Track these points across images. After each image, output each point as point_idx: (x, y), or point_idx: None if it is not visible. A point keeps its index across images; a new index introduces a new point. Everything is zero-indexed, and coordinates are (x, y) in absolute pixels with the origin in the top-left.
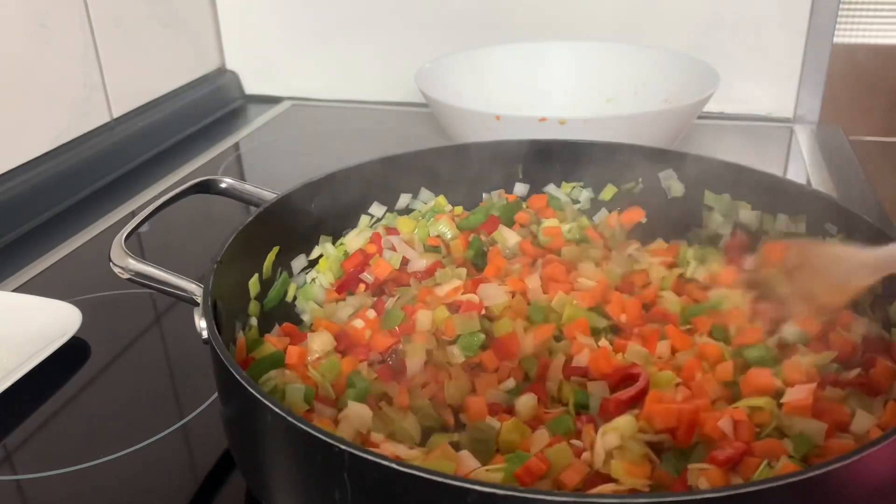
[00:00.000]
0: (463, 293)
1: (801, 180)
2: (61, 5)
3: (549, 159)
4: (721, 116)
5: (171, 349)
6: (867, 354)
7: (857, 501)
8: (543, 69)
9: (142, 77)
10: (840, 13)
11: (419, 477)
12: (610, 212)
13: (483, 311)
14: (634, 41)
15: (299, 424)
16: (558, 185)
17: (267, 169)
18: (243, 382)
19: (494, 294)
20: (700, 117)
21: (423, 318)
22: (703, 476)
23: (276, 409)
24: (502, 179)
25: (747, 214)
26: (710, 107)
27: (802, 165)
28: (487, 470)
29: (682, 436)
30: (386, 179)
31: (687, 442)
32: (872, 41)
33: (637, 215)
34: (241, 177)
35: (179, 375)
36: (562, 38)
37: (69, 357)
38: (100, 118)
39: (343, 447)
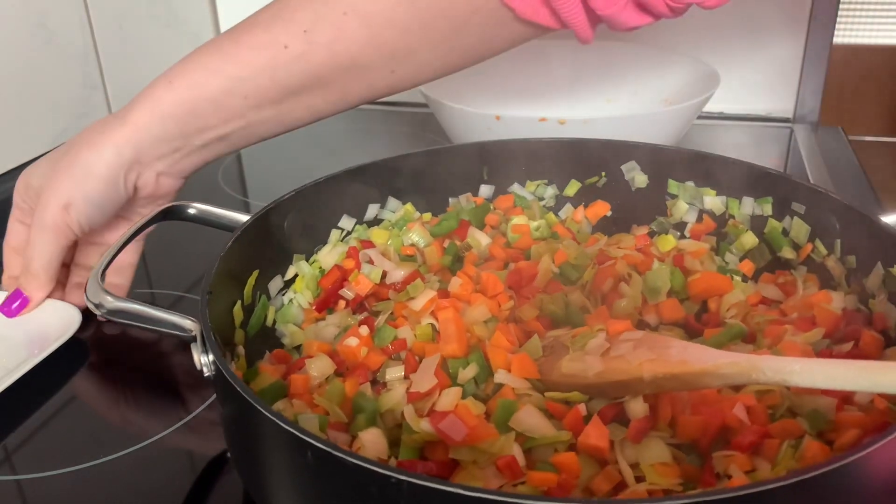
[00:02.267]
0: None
1: (754, 162)
2: (61, 5)
3: (512, 158)
4: (721, 116)
5: (171, 349)
6: (849, 327)
7: (883, 488)
8: (543, 69)
9: (142, 77)
10: (840, 13)
11: (490, 500)
12: (575, 207)
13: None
14: (634, 41)
15: (351, 459)
16: (523, 184)
17: (267, 170)
18: (289, 427)
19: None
20: (700, 117)
21: (406, 334)
22: (732, 463)
23: (323, 446)
24: (467, 182)
25: (712, 200)
26: (710, 107)
27: (802, 165)
28: (516, 485)
29: (706, 444)
30: (353, 191)
31: (709, 446)
32: (872, 41)
33: (602, 209)
34: (241, 177)
35: (179, 375)
36: (562, 38)
37: (69, 357)
38: (100, 118)
39: (401, 477)
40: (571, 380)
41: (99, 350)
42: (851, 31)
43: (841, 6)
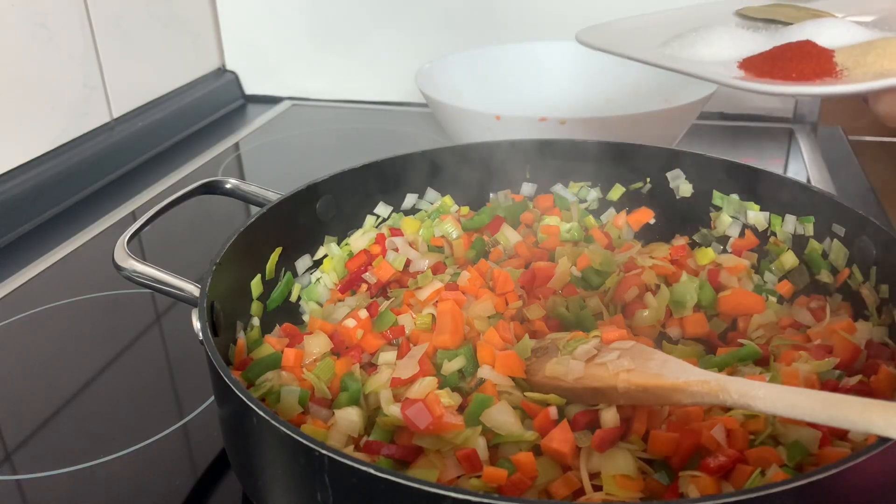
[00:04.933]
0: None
1: (801, 180)
2: (61, 5)
3: (557, 159)
4: (721, 116)
5: (171, 349)
6: (870, 360)
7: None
8: (543, 69)
9: (142, 77)
10: None
11: (395, 482)
12: (618, 212)
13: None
14: None
15: (282, 428)
16: (566, 185)
17: (267, 169)
18: (231, 386)
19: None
20: (700, 117)
21: (406, 321)
22: (692, 484)
23: (262, 413)
24: (509, 179)
25: (755, 215)
26: (710, 107)
27: (802, 165)
28: (471, 478)
29: (679, 462)
30: (392, 179)
31: (682, 465)
32: None
33: (645, 216)
34: (241, 177)
35: (179, 375)
36: (562, 38)
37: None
38: (100, 118)
39: (323, 451)
40: (553, 382)
41: (99, 350)
42: None
43: None
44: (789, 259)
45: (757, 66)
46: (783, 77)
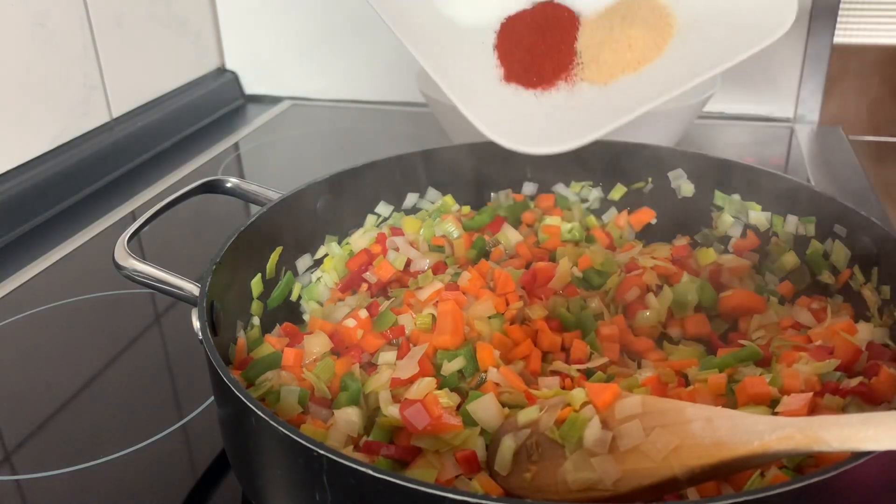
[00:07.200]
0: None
1: (802, 180)
2: (61, 5)
3: (558, 158)
4: (721, 116)
5: (171, 349)
6: (871, 361)
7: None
8: None
9: (142, 77)
10: (840, 13)
11: (393, 483)
12: (619, 212)
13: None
14: None
15: (281, 429)
16: (567, 185)
17: (267, 169)
18: (231, 386)
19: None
20: (700, 117)
21: (406, 321)
22: (694, 486)
23: (261, 413)
24: (510, 179)
25: (757, 215)
26: (710, 107)
27: (802, 165)
28: (470, 478)
29: None
30: (393, 179)
31: None
32: (872, 41)
33: (647, 216)
34: (241, 177)
35: (179, 375)
36: None
37: None
38: (100, 118)
39: (322, 452)
40: (587, 495)
41: (99, 350)
42: (851, 31)
43: (841, 6)
44: (791, 259)
45: (510, 48)
46: (526, 81)
